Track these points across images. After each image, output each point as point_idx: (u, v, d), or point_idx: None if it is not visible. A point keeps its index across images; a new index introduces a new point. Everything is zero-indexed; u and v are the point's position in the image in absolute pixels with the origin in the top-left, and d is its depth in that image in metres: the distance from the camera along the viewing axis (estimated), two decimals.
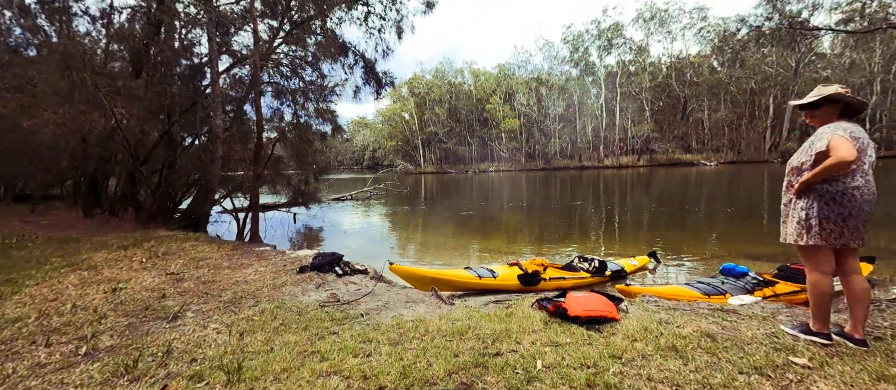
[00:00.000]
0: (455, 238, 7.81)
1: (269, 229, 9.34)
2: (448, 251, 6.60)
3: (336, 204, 15.21)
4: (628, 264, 4.67)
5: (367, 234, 8.70)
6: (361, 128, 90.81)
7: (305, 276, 3.52)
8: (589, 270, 4.32)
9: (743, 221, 8.50)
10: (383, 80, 9.42)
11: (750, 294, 3.20)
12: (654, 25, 39.08)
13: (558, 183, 23.23)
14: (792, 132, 33.78)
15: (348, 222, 10.71)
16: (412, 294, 3.27)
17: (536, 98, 43.88)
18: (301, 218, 10.98)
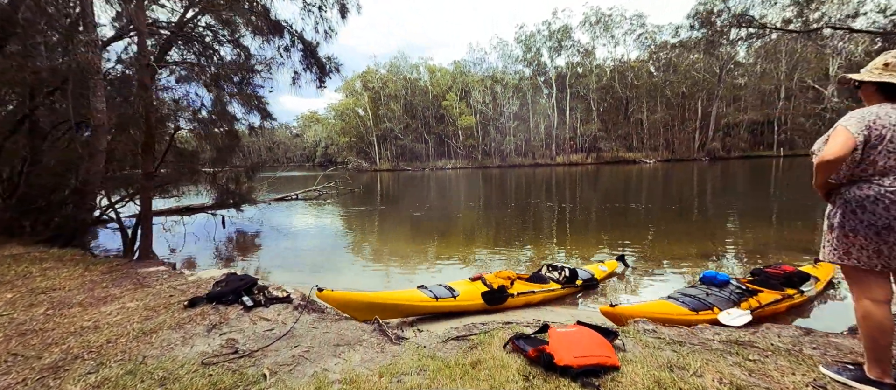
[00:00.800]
0: (412, 242, 7.06)
1: (188, 238, 7.85)
2: (403, 258, 5.84)
3: (280, 204, 13.64)
4: (598, 270, 4.27)
5: (311, 240, 7.61)
6: (312, 124, 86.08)
7: (196, 312, 2.55)
8: (559, 280, 3.83)
9: (685, 219, 8.74)
10: (327, 67, 8.28)
11: (736, 306, 2.86)
12: (600, 29, 41.18)
13: (514, 180, 23.36)
14: (717, 133, 37.51)
15: (292, 225, 9.47)
16: (347, 329, 2.48)
17: (492, 96, 44.26)
18: (235, 221, 9.50)
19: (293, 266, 5.67)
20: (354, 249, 6.76)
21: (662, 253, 5.60)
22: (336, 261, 5.87)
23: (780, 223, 7.52)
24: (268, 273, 5.34)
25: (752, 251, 5.49)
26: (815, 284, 3.36)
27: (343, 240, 7.56)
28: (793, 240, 6.04)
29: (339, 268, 5.47)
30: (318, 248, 6.85)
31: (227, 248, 7.31)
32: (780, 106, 35.00)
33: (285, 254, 6.51)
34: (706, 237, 6.55)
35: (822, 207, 1.73)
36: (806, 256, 5.08)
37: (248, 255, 6.70)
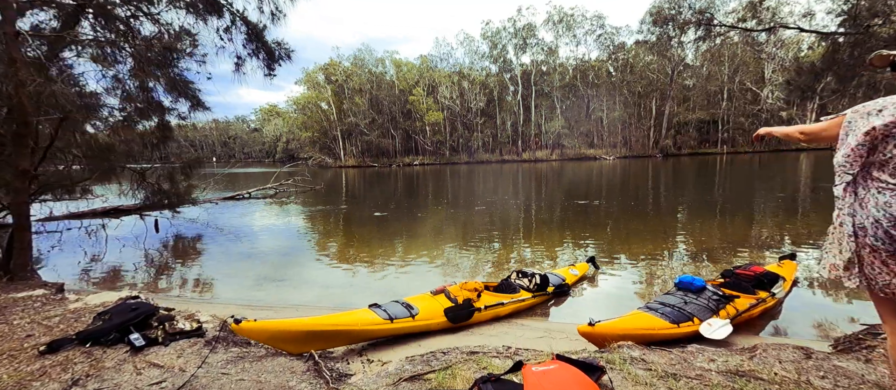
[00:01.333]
0: (375, 247, 6.50)
1: (112, 244, 6.77)
2: (365, 264, 5.29)
3: (233, 204, 12.40)
4: (569, 274, 4.01)
5: (262, 244, 6.80)
6: (272, 118, 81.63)
7: (55, 361, 1.90)
8: (530, 288, 3.50)
9: (648, 216, 8.90)
10: (277, 53, 7.41)
11: (715, 314, 2.67)
12: (562, 28, 42.21)
13: (482, 177, 23.27)
14: (669, 131, 39.85)
15: (243, 227, 8.49)
16: (272, 371, 1.96)
17: (459, 92, 44.02)
18: (175, 224, 8.39)
19: (233, 278, 4.95)
20: (310, 255, 6.10)
21: (630, 251, 5.50)
22: (287, 270, 5.20)
23: (728, 218, 7.80)
24: (197, 289, 4.59)
25: (714, 247, 5.53)
26: (783, 284, 3.28)
27: (298, 245, 6.84)
28: (745, 236, 6.21)
29: (289, 277, 4.83)
30: (268, 255, 6.11)
31: (158, 256, 6.34)
32: (723, 106, 37.79)
33: (228, 263, 5.72)
34: (670, 234, 6.60)
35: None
36: (767, 253, 5.17)
37: (181, 265, 5.82)
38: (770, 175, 16.64)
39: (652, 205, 10.12)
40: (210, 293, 4.41)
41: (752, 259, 4.91)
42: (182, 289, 4.56)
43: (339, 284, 4.46)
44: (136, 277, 5.06)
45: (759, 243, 5.77)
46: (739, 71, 36.94)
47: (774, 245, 5.50)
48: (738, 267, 3.50)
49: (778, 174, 16.98)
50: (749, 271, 3.33)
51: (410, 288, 4.14)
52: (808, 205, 8.82)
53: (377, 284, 4.39)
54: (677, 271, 4.45)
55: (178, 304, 3.03)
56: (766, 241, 5.74)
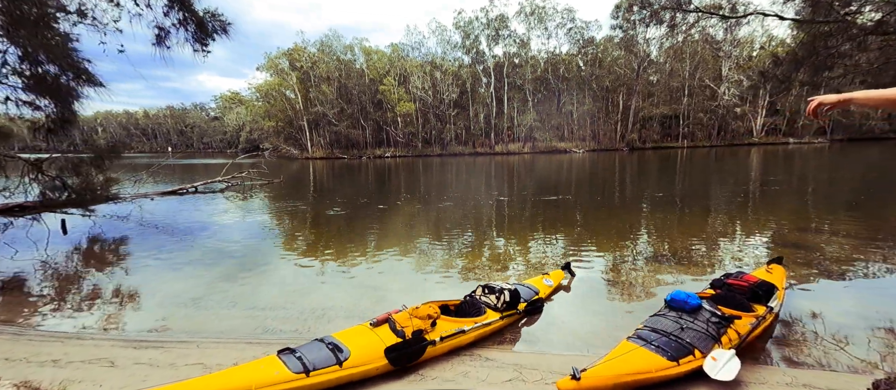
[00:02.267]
0: (329, 247, 5.73)
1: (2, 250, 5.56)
2: (320, 277, 4.53)
3: (171, 200, 10.97)
4: (542, 285, 3.50)
5: (200, 249, 5.78)
6: (234, 106, 76.90)
7: None
8: (498, 307, 2.93)
9: (622, 211, 8.69)
10: (210, 25, 6.32)
11: (717, 341, 2.21)
12: (534, 21, 42.15)
13: (454, 169, 22.71)
14: (635, 125, 41.12)
15: (185, 227, 7.30)
16: None
17: (431, 82, 43.03)
18: (100, 223, 7.15)
19: (153, 290, 4.03)
20: (258, 263, 5.21)
21: (606, 253, 5.11)
22: (222, 284, 4.33)
23: (702, 214, 7.69)
24: (92, 309, 3.65)
25: (692, 246, 5.26)
26: (777, 295, 2.92)
27: (247, 248, 5.89)
28: (721, 232, 6.03)
29: (221, 293, 3.97)
30: (206, 262, 5.16)
31: (59, 266, 5.21)
32: (685, 102, 39.42)
33: (149, 275, 4.74)
34: (646, 231, 6.31)
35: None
36: (748, 253, 4.92)
37: (84, 276, 4.76)
38: (729, 168, 17.29)
39: (624, 200, 9.98)
40: (106, 313, 3.49)
41: (733, 258, 4.65)
42: (73, 311, 3.61)
43: (276, 301, 3.70)
44: (11, 297, 4.01)
45: (737, 241, 5.59)
46: (699, 68, 38.59)
47: (751, 243, 5.32)
48: (729, 276, 3.11)
49: (734, 167, 17.69)
50: (742, 281, 2.94)
51: (357, 310, 3.47)
52: (770, 199, 8.97)
53: (323, 299, 3.67)
54: (658, 275, 4.07)
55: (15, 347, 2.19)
56: (744, 239, 5.56)
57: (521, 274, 4.35)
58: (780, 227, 6.15)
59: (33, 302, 3.93)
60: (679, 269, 4.30)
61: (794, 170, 15.98)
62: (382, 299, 3.68)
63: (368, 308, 3.43)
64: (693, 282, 3.87)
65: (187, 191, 11.91)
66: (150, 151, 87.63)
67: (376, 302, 3.59)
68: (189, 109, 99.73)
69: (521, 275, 4.32)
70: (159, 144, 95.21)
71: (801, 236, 5.48)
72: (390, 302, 3.48)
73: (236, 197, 11.63)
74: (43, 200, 5.74)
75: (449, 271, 4.49)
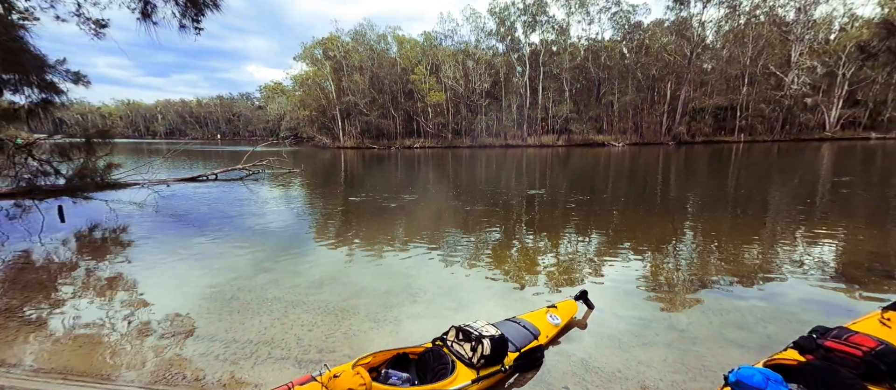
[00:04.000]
0: (334, 249, 5.28)
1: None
2: (310, 281, 4.09)
3: (189, 187, 11.22)
4: (545, 323, 2.73)
5: (219, 239, 5.57)
6: (276, 95, 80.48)
7: None
8: (472, 361, 2.20)
9: (661, 219, 7.54)
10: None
11: None
12: (575, 5, 39.51)
13: (484, 163, 21.82)
14: (683, 117, 37.64)
15: (200, 215, 7.23)
16: None
17: (463, 72, 41.90)
18: (118, 209, 7.28)
19: (169, 294, 3.77)
20: (266, 256, 4.85)
21: (638, 276, 4.20)
22: (240, 284, 4.00)
23: (768, 225, 6.39)
24: (54, 314, 3.40)
25: (755, 269, 4.21)
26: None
27: (269, 245, 5.58)
28: (801, 254, 4.85)
29: (238, 297, 3.61)
30: (218, 254, 4.89)
31: (54, 256, 5.18)
32: (743, 91, 35.42)
33: (152, 264, 4.52)
34: (691, 250, 5.27)
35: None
36: (855, 293, 3.82)
37: (70, 271, 4.63)
38: (799, 165, 15.00)
39: (666, 205, 8.73)
40: (64, 324, 3.22)
41: (821, 298, 3.58)
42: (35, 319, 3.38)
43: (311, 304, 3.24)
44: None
45: (821, 264, 4.43)
46: (763, 53, 34.34)
47: (851, 272, 4.16)
48: (825, 332, 2.19)
49: (807, 164, 15.32)
50: (849, 345, 2.02)
51: (304, 345, 2.92)
52: (859, 207, 7.38)
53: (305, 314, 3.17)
54: (705, 316, 3.16)
55: None
56: (830, 265, 4.40)
57: (534, 294, 3.61)
58: (877, 242, 4.85)
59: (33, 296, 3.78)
60: (750, 313, 3.35)
61: (879, 167, 13.50)
62: (352, 312, 3.10)
63: (325, 335, 2.87)
64: (763, 329, 2.93)
65: (206, 179, 12.14)
66: (202, 138, 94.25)
67: (343, 331, 3.02)
68: (236, 99, 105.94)
69: (533, 295, 3.57)
70: (210, 131, 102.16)
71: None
72: (359, 332, 2.91)
73: (286, 182, 11.61)
74: (23, 186, 5.69)
75: (446, 287, 3.84)
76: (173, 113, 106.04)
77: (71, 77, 5.57)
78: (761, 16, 34.06)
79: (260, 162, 14.46)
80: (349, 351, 2.63)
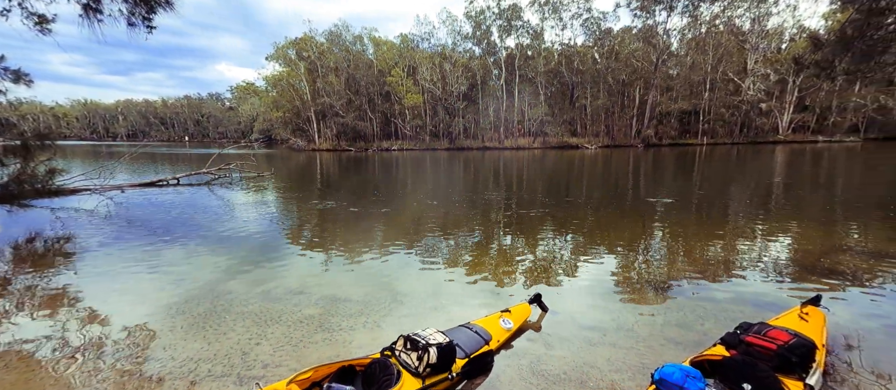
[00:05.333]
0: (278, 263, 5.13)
1: None
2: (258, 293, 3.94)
3: (151, 192, 10.63)
4: (498, 328, 2.78)
5: (172, 249, 5.27)
6: (248, 96, 77.78)
7: None
8: (418, 371, 2.21)
9: (624, 220, 7.84)
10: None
11: None
12: (548, 11, 40.51)
13: (462, 165, 21.93)
14: (651, 121, 39.32)
15: (158, 222, 6.83)
16: None
17: (440, 74, 42.02)
18: (67, 218, 6.76)
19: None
20: (227, 267, 4.64)
21: (590, 275, 4.35)
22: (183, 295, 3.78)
23: (717, 225, 6.78)
24: None
25: (704, 271, 4.44)
26: (817, 359, 2.14)
27: (228, 253, 5.34)
28: (739, 251, 5.16)
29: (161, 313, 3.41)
30: (178, 263, 4.64)
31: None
32: (705, 97, 37.40)
33: (104, 279, 4.23)
34: (645, 251, 5.50)
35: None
36: (779, 286, 4.08)
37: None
38: (752, 167, 16.01)
39: (634, 201, 9.09)
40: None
41: (756, 290, 3.82)
42: None
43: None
44: None
45: (760, 258, 4.73)
46: (723, 61, 36.43)
47: (776, 260, 4.46)
48: (748, 327, 2.35)
49: (758, 166, 16.37)
50: (767, 340, 2.18)
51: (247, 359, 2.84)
52: (798, 205, 7.95)
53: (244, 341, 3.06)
54: (651, 315, 3.31)
55: None
56: (767, 255, 4.70)
57: (492, 298, 3.65)
58: (811, 239, 5.25)
59: None
60: (688, 301, 3.53)
61: (823, 170, 14.62)
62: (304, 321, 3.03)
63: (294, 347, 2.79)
64: (701, 326, 3.10)
65: (167, 184, 11.54)
66: (167, 140, 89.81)
67: (307, 330, 2.95)
68: (205, 99, 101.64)
69: (492, 299, 3.61)
70: (177, 133, 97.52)
71: (837, 254, 4.59)
72: (310, 344, 2.85)
73: (263, 187, 11.18)
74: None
75: (402, 294, 3.83)
76: (136, 113, 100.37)
77: (10, 76, 5.20)
78: (720, 25, 36.12)
79: (227, 165, 13.88)
80: (296, 364, 2.57)
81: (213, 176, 13.16)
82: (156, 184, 11.38)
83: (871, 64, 4.58)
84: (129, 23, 5.03)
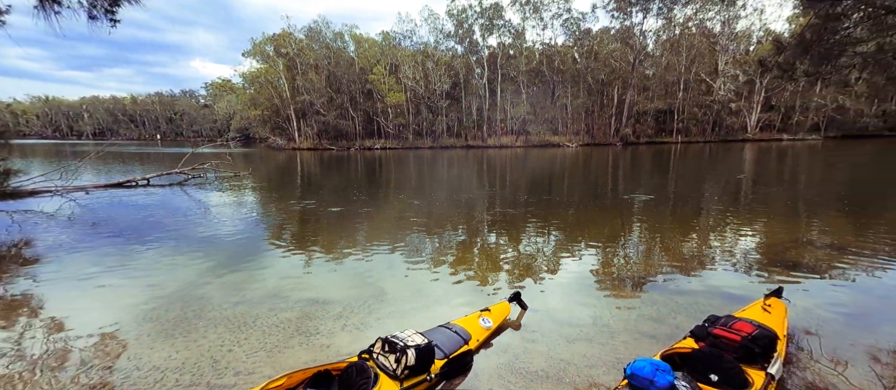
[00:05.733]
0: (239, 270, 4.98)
1: None
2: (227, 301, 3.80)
3: (117, 192, 10.10)
4: (478, 327, 2.80)
5: (138, 254, 5.00)
6: (225, 93, 75.22)
7: None
8: (396, 373, 2.19)
9: (603, 216, 8.03)
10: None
11: None
12: (529, 11, 40.97)
13: (446, 163, 21.92)
14: (629, 119, 40.44)
15: (117, 227, 6.48)
16: None
17: (423, 72, 41.83)
18: (27, 221, 6.32)
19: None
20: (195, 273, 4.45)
21: (571, 271, 4.43)
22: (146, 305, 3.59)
23: (690, 221, 7.04)
24: None
25: (680, 265, 4.60)
26: (779, 349, 2.25)
27: (200, 257, 5.12)
28: (712, 245, 5.37)
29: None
30: (146, 268, 4.40)
31: None
32: (680, 96, 38.76)
33: (64, 286, 3.97)
34: (624, 246, 5.65)
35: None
36: (747, 277, 4.26)
37: None
38: (723, 165, 16.72)
39: (613, 199, 9.32)
40: None
41: (726, 282, 3.98)
42: None
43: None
44: None
45: (729, 253, 4.94)
46: (696, 62, 37.83)
47: (744, 254, 4.68)
48: (715, 320, 2.45)
49: (728, 164, 17.11)
50: (732, 332, 2.27)
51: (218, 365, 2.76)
52: (764, 201, 8.36)
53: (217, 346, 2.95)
54: (627, 311, 3.40)
55: None
56: (736, 250, 4.92)
57: (473, 296, 3.66)
58: (775, 234, 5.53)
59: None
60: (662, 296, 3.64)
61: (788, 166, 15.43)
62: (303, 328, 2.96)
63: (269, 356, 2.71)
64: (674, 320, 3.20)
65: (136, 184, 11.01)
66: (138, 139, 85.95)
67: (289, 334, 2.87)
68: (178, 97, 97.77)
69: (472, 298, 3.62)
70: (148, 132, 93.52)
71: (798, 247, 4.84)
72: (285, 349, 2.78)
73: (242, 188, 10.75)
74: None
75: (380, 295, 3.79)
76: (103, 111, 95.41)
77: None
78: (693, 27, 37.49)
79: (201, 165, 13.36)
80: (270, 371, 2.50)
81: (187, 176, 12.63)
82: (123, 184, 10.82)
83: (828, 66, 4.87)
84: (91, 16, 4.74)
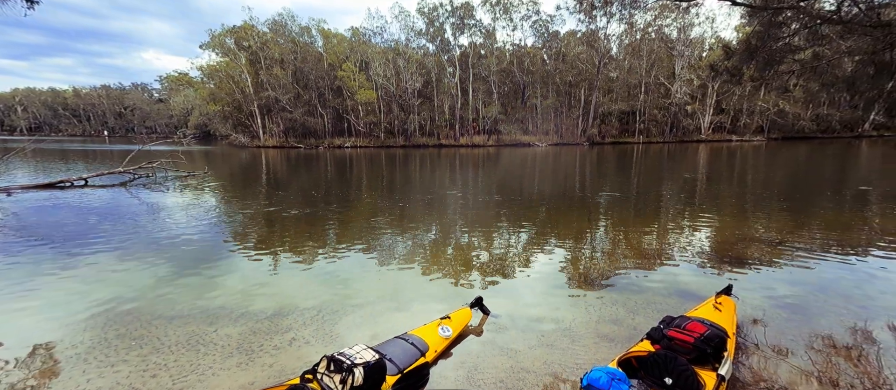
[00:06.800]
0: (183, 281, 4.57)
1: None
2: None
3: (49, 194, 9.02)
4: (436, 337, 2.65)
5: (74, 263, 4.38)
6: (182, 87, 70.47)
7: None
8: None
9: (570, 216, 8.16)
10: None
11: None
12: (499, 11, 41.47)
13: (418, 162, 21.63)
14: (595, 120, 42.00)
15: (43, 233, 5.71)
16: None
17: (394, 70, 41.22)
18: None
19: None
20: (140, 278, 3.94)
21: (539, 276, 4.41)
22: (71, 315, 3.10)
23: (649, 214, 7.29)
24: None
25: (640, 259, 4.69)
26: (729, 349, 2.28)
27: (136, 267, 4.56)
28: (670, 238, 5.55)
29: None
30: (72, 279, 3.83)
31: None
32: (641, 99, 40.75)
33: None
34: (587, 248, 5.72)
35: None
36: (699, 273, 4.39)
37: None
38: (680, 164, 17.69)
39: (579, 197, 9.52)
40: None
41: (681, 279, 4.09)
42: None
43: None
44: None
45: (683, 248, 5.11)
46: (655, 66, 39.91)
47: (698, 250, 4.86)
48: (670, 322, 2.45)
49: (685, 163, 18.13)
50: (686, 333, 2.27)
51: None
52: (717, 198, 8.86)
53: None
54: (587, 313, 3.39)
55: None
56: (690, 245, 5.10)
57: (431, 303, 3.51)
58: (725, 230, 5.82)
59: None
60: (621, 295, 3.67)
61: (736, 166, 16.58)
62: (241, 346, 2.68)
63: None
64: (632, 321, 3.22)
65: (72, 185, 9.93)
66: (83, 135, 79.01)
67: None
68: (128, 90, 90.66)
69: (431, 305, 3.47)
70: (94, 127, 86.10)
71: (745, 243, 5.11)
72: (221, 371, 2.50)
73: (203, 187, 9.83)
74: None
75: (348, 298, 3.56)
76: (39, 104, 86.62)
77: None
78: (652, 33, 39.51)
79: (150, 164, 12.28)
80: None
81: (133, 175, 11.55)
82: (56, 185, 9.70)
83: (771, 72, 5.19)
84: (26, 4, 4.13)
